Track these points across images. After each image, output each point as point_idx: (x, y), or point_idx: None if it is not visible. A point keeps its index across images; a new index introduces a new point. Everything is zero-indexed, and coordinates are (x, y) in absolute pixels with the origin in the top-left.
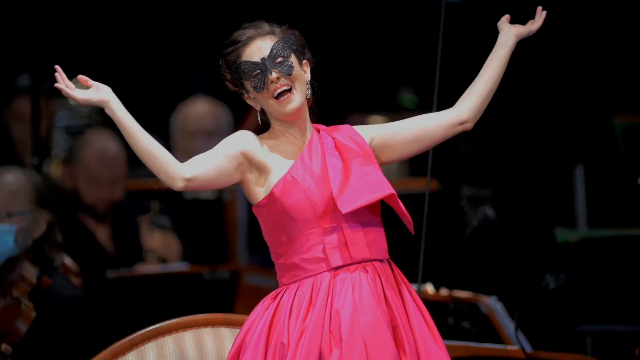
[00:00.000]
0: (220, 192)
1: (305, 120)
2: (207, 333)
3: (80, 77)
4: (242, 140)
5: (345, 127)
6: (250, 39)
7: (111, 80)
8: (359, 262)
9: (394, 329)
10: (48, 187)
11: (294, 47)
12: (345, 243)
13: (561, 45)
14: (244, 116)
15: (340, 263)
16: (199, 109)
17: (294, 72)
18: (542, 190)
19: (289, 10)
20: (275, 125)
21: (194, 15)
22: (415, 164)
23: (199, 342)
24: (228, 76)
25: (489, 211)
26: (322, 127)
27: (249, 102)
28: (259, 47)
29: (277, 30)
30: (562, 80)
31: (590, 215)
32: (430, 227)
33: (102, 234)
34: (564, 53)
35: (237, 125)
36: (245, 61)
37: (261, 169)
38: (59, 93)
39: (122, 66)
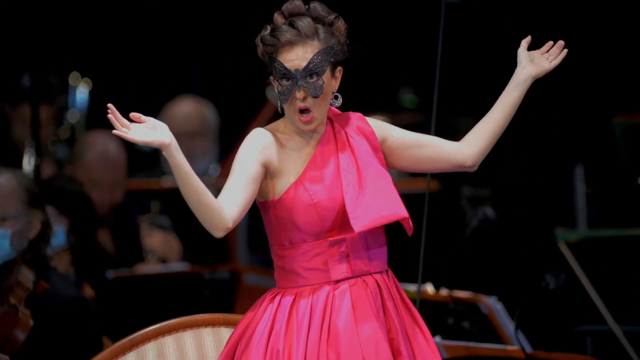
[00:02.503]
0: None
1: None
2: (207, 333)
3: (133, 114)
4: (260, 149)
5: (356, 118)
6: (292, 44)
7: (111, 80)
8: (359, 276)
9: (391, 341)
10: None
11: (332, 59)
12: (348, 256)
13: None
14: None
15: (340, 277)
16: (183, 110)
17: (321, 95)
18: (542, 190)
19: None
20: (290, 123)
21: (194, 15)
22: None
23: (199, 342)
24: (260, 48)
25: (489, 211)
26: (334, 114)
27: (273, 84)
28: (298, 55)
29: (321, 32)
30: (562, 80)
31: (590, 215)
32: (430, 227)
33: (102, 234)
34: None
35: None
36: (280, 63)
37: (276, 173)
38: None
39: (122, 66)
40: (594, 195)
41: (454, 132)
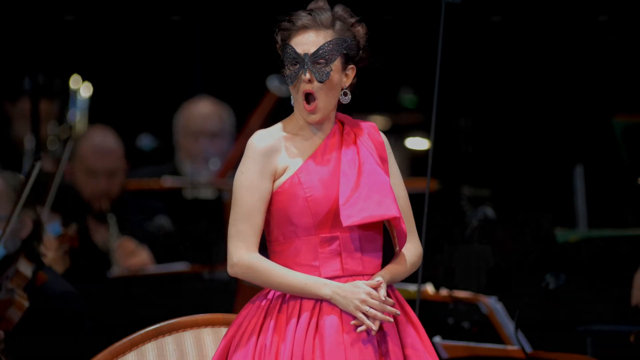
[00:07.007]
0: (220, 192)
1: (327, 119)
2: (207, 333)
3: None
4: (266, 165)
5: (370, 125)
6: (306, 28)
7: (111, 80)
8: (350, 275)
9: (378, 342)
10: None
11: (345, 52)
12: (340, 254)
13: (561, 45)
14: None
15: (330, 274)
16: (202, 110)
17: (327, 81)
18: (542, 190)
19: (288, 10)
20: (297, 116)
21: (194, 15)
22: (415, 164)
23: (199, 342)
24: (278, 41)
25: (489, 211)
26: (347, 119)
27: (286, 77)
28: (310, 39)
29: (338, 25)
30: (562, 80)
31: (591, 215)
32: (430, 227)
33: (102, 234)
34: (564, 53)
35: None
36: (291, 47)
37: (279, 172)
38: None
39: (122, 66)
40: (594, 195)
41: (454, 132)
